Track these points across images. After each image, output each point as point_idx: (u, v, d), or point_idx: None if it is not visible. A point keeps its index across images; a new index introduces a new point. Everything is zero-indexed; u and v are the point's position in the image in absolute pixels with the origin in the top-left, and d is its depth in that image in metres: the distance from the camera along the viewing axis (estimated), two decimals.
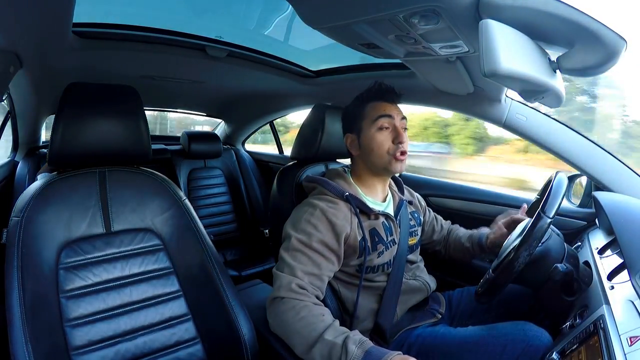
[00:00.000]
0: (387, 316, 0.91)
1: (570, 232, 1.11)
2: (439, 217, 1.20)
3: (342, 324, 0.74)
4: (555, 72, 0.67)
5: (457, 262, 1.15)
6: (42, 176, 0.94)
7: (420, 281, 1.00)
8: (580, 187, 1.27)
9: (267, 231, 2.07)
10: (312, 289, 0.80)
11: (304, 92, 1.70)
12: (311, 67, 1.57)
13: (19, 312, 0.69)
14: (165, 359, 0.86)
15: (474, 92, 1.10)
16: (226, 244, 2.12)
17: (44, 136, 2.01)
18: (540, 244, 0.73)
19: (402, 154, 0.91)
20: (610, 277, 0.71)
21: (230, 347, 0.85)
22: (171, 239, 0.96)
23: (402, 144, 0.90)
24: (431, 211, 1.20)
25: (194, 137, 2.15)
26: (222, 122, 2.61)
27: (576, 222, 1.15)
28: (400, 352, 0.64)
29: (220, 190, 2.24)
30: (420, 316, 0.97)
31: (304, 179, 1.03)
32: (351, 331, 0.70)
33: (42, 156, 1.76)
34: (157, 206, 0.96)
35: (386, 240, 0.93)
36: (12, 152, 1.79)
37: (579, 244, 1.00)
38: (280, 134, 2.58)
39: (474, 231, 1.10)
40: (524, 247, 0.71)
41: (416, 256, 1.05)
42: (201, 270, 0.92)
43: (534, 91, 0.69)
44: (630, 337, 0.52)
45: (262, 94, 1.93)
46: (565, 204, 1.20)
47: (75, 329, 0.79)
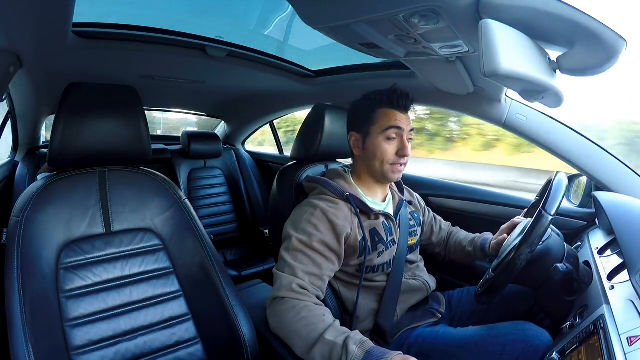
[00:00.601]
0: (387, 316, 0.91)
1: (570, 232, 1.11)
2: (439, 218, 1.20)
3: (342, 324, 0.74)
4: (555, 72, 0.67)
5: (457, 262, 1.15)
6: (42, 176, 0.94)
7: (420, 281, 1.00)
8: (580, 187, 1.27)
9: (267, 231, 2.07)
10: (313, 289, 0.80)
11: (304, 92, 1.70)
12: (311, 67, 1.57)
13: (19, 312, 0.69)
14: (165, 359, 0.86)
15: (474, 92, 1.10)
16: (226, 244, 2.12)
17: (44, 136, 2.01)
18: (540, 243, 0.73)
19: (402, 164, 0.92)
20: (610, 277, 0.71)
21: (230, 347, 0.85)
22: (171, 239, 0.96)
23: (405, 157, 0.91)
24: (430, 212, 1.19)
25: (194, 137, 2.16)
26: (222, 122, 2.61)
27: (576, 222, 1.15)
28: (400, 352, 0.64)
29: (220, 190, 2.24)
30: (420, 316, 0.97)
31: (304, 179, 1.03)
32: (352, 331, 0.70)
33: (42, 156, 1.76)
34: (157, 206, 0.96)
35: (386, 240, 0.93)
36: (12, 152, 1.79)
37: (579, 244, 1.00)
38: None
39: (476, 235, 1.10)
40: (524, 245, 0.71)
41: (416, 256, 1.05)
42: (201, 270, 0.92)
43: (534, 91, 0.69)
44: (630, 337, 0.52)
45: (262, 94, 1.93)
46: (565, 204, 1.20)
47: (75, 329, 0.79)
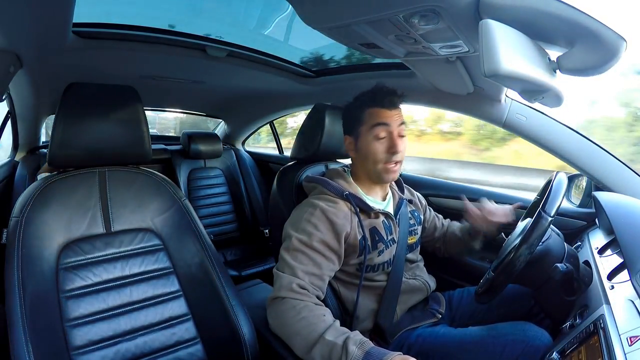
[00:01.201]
0: (387, 316, 0.91)
1: (570, 232, 1.11)
2: (440, 216, 1.20)
3: (342, 324, 0.74)
4: (555, 72, 0.67)
5: (457, 262, 1.15)
6: (42, 176, 0.94)
7: (420, 281, 1.00)
8: (580, 187, 1.27)
9: (267, 231, 2.07)
10: (313, 289, 0.80)
11: (304, 92, 1.70)
12: (311, 67, 1.57)
13: (19, 312, 0.69)
14: (165, 359, 0.86)
15: (474, 92, 1.10)
16: (226, 244, 2.12)
17: (44, 136, 2.01)
18: (540, 244, 0.73)
19: (396, 163, 0.91)
20: (610, 276, 0.71)
21: (230, 347, 0.85)
22: (171, 239, 0.96)
23: (396, 154, 0.89)
24: (432, 210, 1.20)
25: (194, 137, 2.15)
26: (222, 122, 2.61)
27: (576, 222, 1.15)
28: (400, 353, 0.64)
29: (220, 190, 2.24)
30: (420, 316, 0.97)
31: (304, 179, 1.03)
32: (352, 332, 0.70)
33: (42, 156, 1.76)
34: (157, 206, 0.96)
35: (386, 239, 0.93)
36: (12, 152, 1.78)
37: (579, 243, 1.00)
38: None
39: (465, 223, 1.12)
40: (524, 246, 0.71)
41: (416, 255, 1.05)
42: (201, 270, 0.92)
43: (534, 91, 0.69)
44: (630, 337, 0.52)
45: (262, 94, 1.93)
46: (565, 204, 1.20)
47: (75, 329, 0.79)
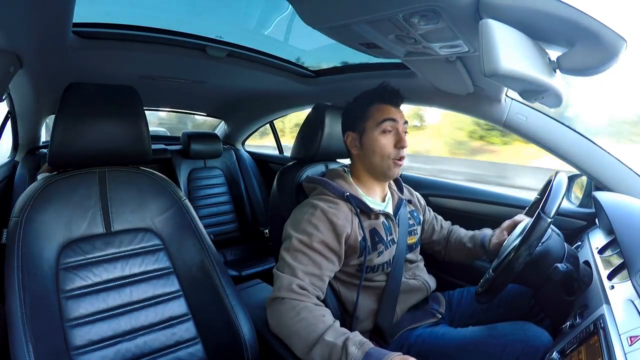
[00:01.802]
0: (387, 316, 0.91)
1: (570, 232, 1.11)
2: (439, 217, 1.20)
3: (342, 325, 0.74)
4: (555, 72, 0.67)
5: (457, 262, 1.15)
6: (42, 176, 0.94)
7: (419, 281, 1.00)
8: (580, 187, 1.27)
9: (267, 231, 2.07)
10: (313, 289, 0.80)
11: (304, 92, 1.70)
12: (311, 67, 1.57)
13: (19, 312, 0.69)
14: (165, 359, 0.86)
15: (474, 92, 1.10)
16: (226, 244, 2.12)
17: (44, 136, 2.01)
18: (540, 244, 0.73)
19: (401, 158, 0.92)
20: (610, 276, 0.71)
21: (230, 347, 0.85)
22: (171, 239, 0.96)
23: (403, 148, 0.91)
24: (431, 211, 1.19)
25: (194, 137, 2.16)
26: (222, 122, 2.61)
27: (576, 222, 1.15)
28: (400, 353, 0.64)
29: (220, 190, 2.24)
30: (420, 316, 0.97)
31: (304, 179, 1.03)
32: (351, 332, 0.70)
33: (42, 156, 1.76)
34: (157, 206, 0.96)
35: (386, 239, 0.93)
36: (12, 152, 1.79)
37: (579, 243, 1.00)
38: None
39: (476, 232, 1.10)
40: (524, 246, 0.71)
41: (416, 255, 1.05)
42: (201, 270, 0.92)
43: (534, 91, 0.69)
44: (630, 337, 0.52)
45: (262, 94, 1.93)
46: (565, 204, 1.20)
47: (75, 329, 0.79)
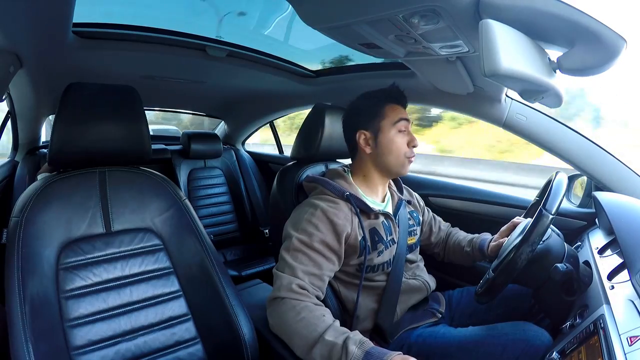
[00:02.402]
0: (387, 316, 0.91)
1: (570, 232, 1.11)
2: (438, 218, 1.20)
3: (342, 324, 0.74)
4: (555, 72, 0.67)
5: (457, 263, 1.15)
6: (42, 176, 0.94)
7: (419, 280, 1.00)
8: (580, 187, 1.27)
9: (267, 231, 2.07)
10: (313, 289, 0.80)
11: (304, 92, 1.70)
12: (311, 67, 1.57)
13: (19, 312, 0.69)
14: (165, 359, 0.86)
15: (474, 92, 1.10)
16: (226, 244, 2.12)
17: (44, 136, 2.01)
18: (540, 243, 0.73)
19: (414, 157, 0.96)
20: (610, 276, 0.71)
21: (230, 347, 0.85)
22: (171, 239, 0.96)
23: (415, 147, 0.95)
24: (430, 211, 1.19)
25: (194, 137, 2.16)
26: (222, 122, 2.61)
27: (576, 222, 1.15)
28: (400, 353, 0.64)
29: (220, 190, 2.24)
30: (420, 316, 0.97)
31: (304, 179, 1.03)
32: (352, 332, 0.70)
33: (42, 156, 1.76)
34: (157, 206, 0.96)
35: (386, 239, 0.93)
36: (12, 152, 1.79)
37: (579, 243, 1.00)
38: None
39: (475, 235, 1.10)
40: (525, 245, 0.71)
41: (416, 255, 1.05)
42: (201, 270, 0.92)
43: (534, 91, 0.69)
44: (630, 337, 0.52)
45: (262, 94, 1.93)
46: (565, 204, 1.20)
47: (75, 329, 0.79)
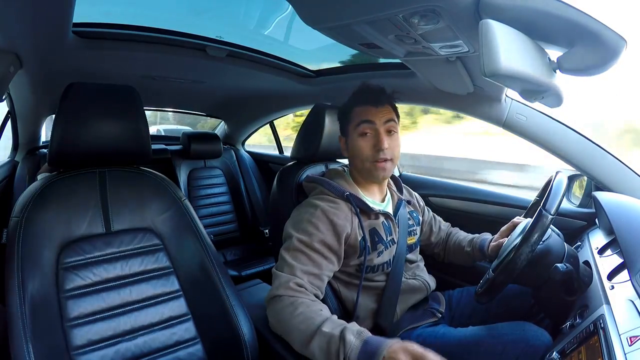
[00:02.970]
0: (387, 316, 0.91)
1: (570, 232, 1.11)
2: (438, 218, 1.20)
3: None
4: (555, 72, 0.67)
5: (457, 263, 1.15)
6: (42, 176, 0.94)
7: (419, 280, 1.00)
8: (580, 187, 1.27)
9: (267, 231, 2.07)
10: (311, 287, 0.80)
11: (304, 92, 1.70)
12: (311, 67, 1.57)
13: (19, 312, 0.69)
14: (165, 359, 0.86)
15: (474, 92, 1.10)
16: (226, 244, 2.12)
17: (44, 136, 2.01)
18: (540, 243, 0.73)
19: (385, 160, 0.90)
20: (610, 276, 0.71)
21: (230, 347, 0.85)
22: (171, 239, 0.96)
23: (381, 150, 0.89)
24: (430, 211, 1.19)
25: (194, 137, 2.16)
26: (222, 122, 2.61)
27: (576, 222, 1.15)
28: (399, 339, 0.63)
29: (220, 190, 2.24)
30: (420, 316, 0.97)
31: (304, 179, 1.03)
32: (349, 323, 0.70)
33: (42, 156, 1.76)
34: (157, 206, 0.96)
35: (386, 239, 0.93)
36: (12, 152, 1.79)
37: (579, 243, 1.00)
38: None
39: (475, 235, 1.09)
40: (525, 245, 0.71)
41: (416, 256, 1.05)
42: (201, 270, 0.92)
43: (534, 91, 0.69)
44: (630, 337, 0.52)
45: (262, 94, 1.93)
46: (565, 204, 1.20)
47: (75, 329, 0.79)
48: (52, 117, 1.79)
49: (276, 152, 2.65)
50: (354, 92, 0.96)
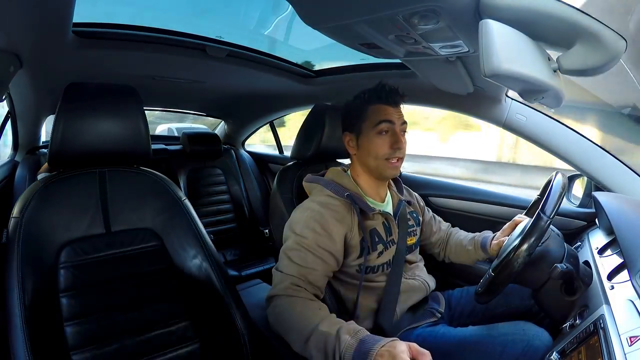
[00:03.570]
0: (386, 316, 0.91)
1: (570, 232, 1.11)
2: (438, 218, 1.20)
3: None
4: (555, 72, 0.67)
5: (457, 263, 1.15)
6: (42, 176, 0.94)
7: (419, 281, 1.00)
8: (580, 187, 1.27)
9: (267, 231, 2.07)
10: (311, 287, 0.80)
11: (304, 92, 1.70)
12: (311, 67, 1.58)
13: (19, 311, 0.69)
14: (164, 359, 0.86)
15: (474, 92, 1.10)
16: (226, 244, 2.11)
17: (44, 136, 2.01)
18: (540, 244, 0.73)
19: (398, 160, 0.91)
20: (610, 277, 0.71)
21: (229, 346, 0.85)
22: (171, 239, 0.95)
23: (399, 149, 0.90)
24: (430, 211, 1.19)
25: (194, 137, 2.16)
26: (222, 122, 2.61)
27: (576, 222, 1.15)
28: (396, 338, 0.63)
29: (220, 190, 2.24)
30: (420, 316, 0.97)
31: (305, 179, 1.02)
32: (346, 322, 0.70)
33: (42, 156, 1.76)
34: (157, 206, 0.96)
35: (385, 240, 0.93)
36: (12, 152, 1.79)
37: (579, 244, 1.00)
38: None
39: (476, 234, 1.09)
40: (524, 246, 0.71)
41: (415, 256, 1.05)
42: (201, 270, 0.92)
43: (534, 91, 0.69)
44: (630, 337, 0.52)
45: (262, 94, 1.93)
46: (565, 204, 1.20)
47: (74, 328, 0.79)
48: (52, 117, 1.79)
49: (276, 152, 2.65)
50: (369, 89, 0.95)
